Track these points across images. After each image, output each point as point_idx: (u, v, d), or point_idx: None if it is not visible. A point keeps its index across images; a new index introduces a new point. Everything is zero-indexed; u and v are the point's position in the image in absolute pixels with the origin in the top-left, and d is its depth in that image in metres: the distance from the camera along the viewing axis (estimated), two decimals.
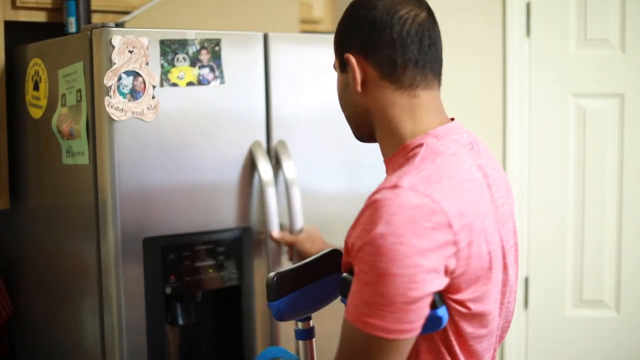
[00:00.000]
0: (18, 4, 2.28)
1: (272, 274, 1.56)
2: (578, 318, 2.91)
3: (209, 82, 2.09)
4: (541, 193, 2.91)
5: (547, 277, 2.94)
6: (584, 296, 2.92)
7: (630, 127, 2.88)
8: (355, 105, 1.49)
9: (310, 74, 2.30)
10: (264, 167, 2.15)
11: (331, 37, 1.55)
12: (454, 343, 1.39)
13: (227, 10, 2.57)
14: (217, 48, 2.09)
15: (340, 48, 1.48)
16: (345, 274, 1.41)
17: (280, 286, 1.55)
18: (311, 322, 1.63)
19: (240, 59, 2.14)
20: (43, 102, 2.16)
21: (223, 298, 2.20)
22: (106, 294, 2.00)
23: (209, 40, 2.08)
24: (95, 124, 1.98)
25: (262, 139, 2.19)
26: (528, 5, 2.87)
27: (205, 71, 2.08)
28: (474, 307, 1.37)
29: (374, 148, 1.57)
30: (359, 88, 1.45)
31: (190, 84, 2.06)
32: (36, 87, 2.18)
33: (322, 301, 1.63)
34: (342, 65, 1.49)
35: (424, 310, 1.30)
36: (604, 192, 2.89)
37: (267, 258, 2.18)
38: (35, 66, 2.18)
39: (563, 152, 2.91)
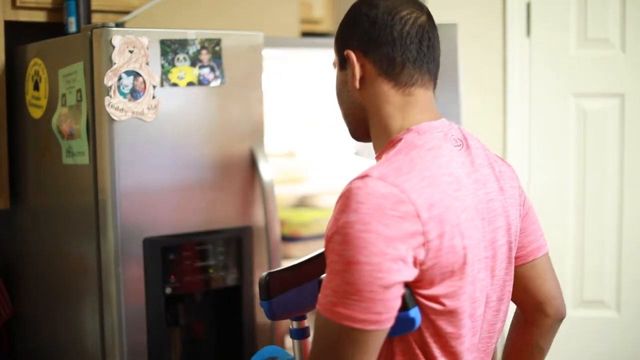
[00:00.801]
0: (18, 4, 2.28)
1: (264, 273, 1.58)
2: (578, 318, 2.91)
3: (209, 82, 2.08)
4: (541, 193, 2.90)
5: None
6: (584, 296, 2.92)
7: (631, 127, 2.88)
8: (352, 102, 1.51)
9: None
10: (264, 167, 2.15)
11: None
12: (431, 344, 1.39)
13: (227, 10, 2.57)
14: (217, 48, 2.09)
15: (341, 45, 1.51)
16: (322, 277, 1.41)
17: (273, 286, 1.57)
18: (306, 322, 1.64)
19: (241, 59, 2.14)
20: (43, 102, 2.16)
21: (223, 298, 2.20)
22: (106, 294, 1.99)
23: (209, 40, 2.08)
24: (95, 124, 1.97)
25: (262, 138, 2.19)
26: (528, 5, 2.87)
27: (206, 71, 2.07)
28: (448, 303, 1.37)
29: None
30: (357, 84, 1.48)
31: (190, 84, 2.05)
32: (36, 87, 2.18)
33: (314, 301, 1.58)
34: (341, 62, 1.51)
35: (392, 302, 1.30)
36: (604, 192, 2.89)
37: (267, 258, 2.18)
38: (36, 66, 2.18)
39: (563, 152, 2.91)
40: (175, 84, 2.03)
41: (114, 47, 1.93)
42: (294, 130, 2.99)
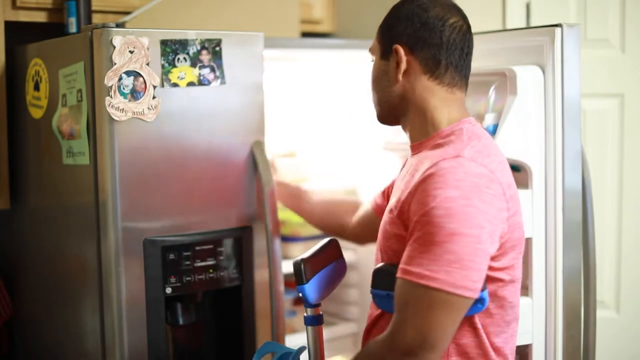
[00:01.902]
0: (18, 4, 2.28)
1: (298, 259, 1.68)
2: None
3: (209, 83, 2.09)
4: None
5: None
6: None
7: (631, 127, 2.88)
8: (392, 90, 1.64)
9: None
10: (264, 167, 2.15)
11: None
12: (495, 315, 1.56)
13: (227, 10, 2.57)
14: (217, 48, 2.09)
15: (389, 38, 1.65)
16: (379, 266, 1.58)
17: (307, 270, 1.69)
18: (320, 310, 1.74)
19: (241, 59, 2.14)
20: (43, 102, 2.16)
21: (223, 298, 2.20)
22: (106, 294, 2.00)
23: (210, 41, 2.08)
24: (95, 124, 1.97)
25: (263, 139, 2.19)
26: (528, 6, 2.87)
27: (206, 71, 2.08)
28: (512, 273, 1.56)
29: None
30: (400, 77, 1.62)
31: (190, 84, 2.06)
32: (37, 87, 2.18)
33: (333, 284, 1.78)
34: (384, 53, 1.66)
35: (484, 272, 1.45)
36: (604, 192, 2.89)
37: (267, 258, 2.18)
38: (36, 66, 2.18)
39: None
40: (175, 84, 2.03)
41: (114, 47, 1.93)
42: (294, 130, 2.99)
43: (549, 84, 1.98)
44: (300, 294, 1.67)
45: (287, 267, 2.54)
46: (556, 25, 1.97)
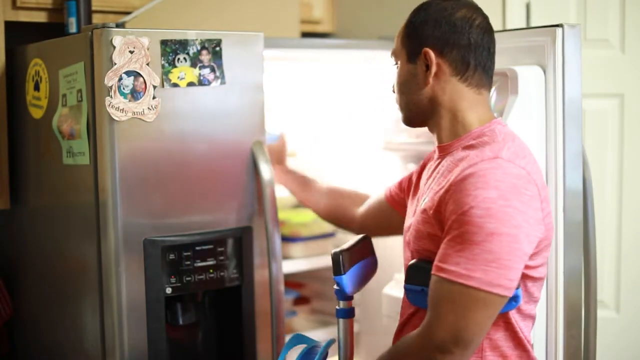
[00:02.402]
0: (18, 4, 2.28)
1: (336, 250, 1.72)
2: None
3: (209, 83, 2.09)
4: None
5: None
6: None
7: (631, 128, 2.88)
8: (420, 93, 1.66)
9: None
10: (264, 167, 2.15)
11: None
12: (524, 311, 1.59)
13: (228, 10, 2.57)
14: (217, 48, 2.09)
15: (417, 41, 1.65)
16: (413, 261, 1.62)
17: (345, 261, 1.72)
18: (352, 303, 1.77)
19: (241, 59, 2.14)
20: (43, 102, 2.16)
21: (223, 298, 2.20)
22: (106, 294, 1.99)
23: (210, 41, 2.08)
24: (95, 124, 1.97)
25: (263, 139, 2.19)
26: (528, 6, 2.87)
27: (206, 71, 2.07)
28: (543, 271, 1.60)
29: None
30: (430, 80, 1.63)
31: (190, 84, 2.05)
32: (37, 88, 2.18)
33: (366, 278, 1.82)
34: (411, 56, 1.66)
35: (520, 272, 1.48)
36: (604, 192, 2.89)
37: (267, 258, 2.18)
38: (36, 66, 2.18)
39: None
40: (175, 84, 2.03)
41: (114, 47, 1.93)
42: (294, 130, 2.99)
43: (550, 84, 1.98)
44: (337, 286, 1.72)
45: (287, 267, 2.55)
46: (557, 26, 1.97)
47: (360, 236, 1.85)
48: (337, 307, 1.77)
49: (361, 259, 1.79)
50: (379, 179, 2.76)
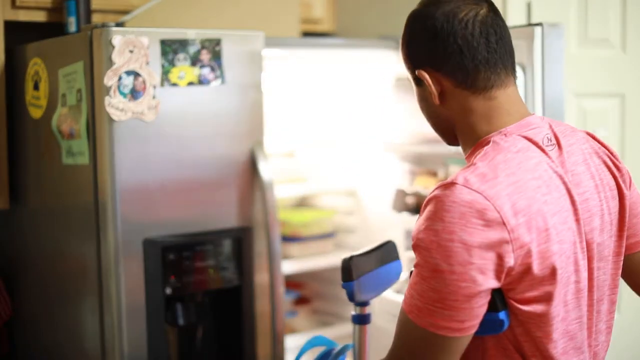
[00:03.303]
0: (18, 3, 2.28)
1: (347, 256, 1.65)
2: None
3: (209, 82, 2.08)
4: None
5: None
6: None
7: (631, 127, 2.87)
8: (437, 115, 1.49)
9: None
10: (264, 167, 2.15)
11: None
12: (522, 342, 1.38)
13: (227, 9, 2.56)
14: (217, 48, 2.08)
15: (411, 64, 1.48)
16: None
17: (355, 268, 1.65)
18: (367, 309, 1.72)
19: (241, 58, 2.14)
20: (43, 102, 2.15)
21: (223, 298, 2.20)
22: (106, 294, 1.99)
23: (210, 40, 2.07)
24: (95, 124, 1.97)
25: (262, 138, 2.19)
26: (528, 5, 2.86)
27: (206, 71, 2.07)
28: (539, 307, 1.36)
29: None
30: (437, 101, 1.45)
31: (190, 83, 2.05)
32: (36, 87, 2.18)
33: (383, 286, 1.75)
34: (416, 80, 1.48)
35: (476, 310, 1.31)
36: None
37: (267, 258, 2.18)
38: (35, 66, 2.18)
39: None
40: (175, 84, 2.03)
41: (114, 47, 1.93)
42: (294, 130, 2.99)
43: (529, 83, 1.95)
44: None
45: (287, 267, 2.54)
46: (537, 25, 1.93)
47: (382, 241, 1.75)
48: (352, 312, 1.74)
49: (378, 266, 1.72)
50: (379, 180, 2.76)
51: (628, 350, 2.92)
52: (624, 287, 3.07)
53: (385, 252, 1.75)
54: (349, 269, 1.66)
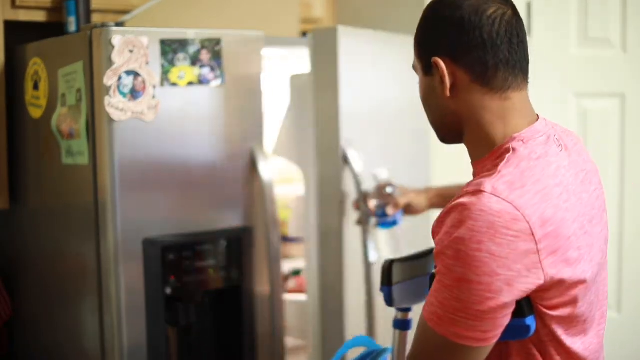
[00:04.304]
0: (18, 3, 2.28)
1: (388, 260, 1.61)
2: None
3: (209, 82, 2.08)
4: None
5: None
6: None
7: (632, 127, 2.87)
8: (443, 108, 1.44)
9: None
10: (264, 167, 2.15)
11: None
12: (547, 343, 1.37)
13: (227, 9, 2.56)
14: (217, 48, 2.08)
15: (425, 51, 1.43)
16: (434, 271, 1.42)
17: (394, 273, 1.61)
18: (410, 315, 1.68)
19: (241, 58, 2.14)
20: (43, 102, 2.15)
21: (223, 298, 2.20)
22: (106, 294, 1.99)
23: (210, 40, 2.07)
24: (95, 124, 1.97)
25: (262, 138, 2.19)
26: (529, 5, 2.86)
27: (206, 71, 2.07)
28: (566, 311, 1.35)
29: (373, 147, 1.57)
30: (448, 93, 1.41)
31: (190, 83, 2.05)
32: (36, 87, 2.18)
33: (423, 295, 1.67)
34: (426, 68, 1.44)
35: (500, 320, 1.29)
36: (605, 191, 2.89)
37: (267, 258, 2.18)
38: (35, 66, 2.18)
39: None
40: (175, 84, 2.03)
41: (113, 46, 1.93)
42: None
43: None
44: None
45: (287, 267, 2.54)
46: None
47: (427, 249, 1.69)
48: (394, 317, 1.68)
49: (420, 275, 1.66)
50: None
51: (629, 350, 2.92)
52: (625, 288, 3.07)
53: (429, 261, 1.68)
54: (388, 274, 1.61)
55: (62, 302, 2.18)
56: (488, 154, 1.41)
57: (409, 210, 2.28)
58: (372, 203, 2.14)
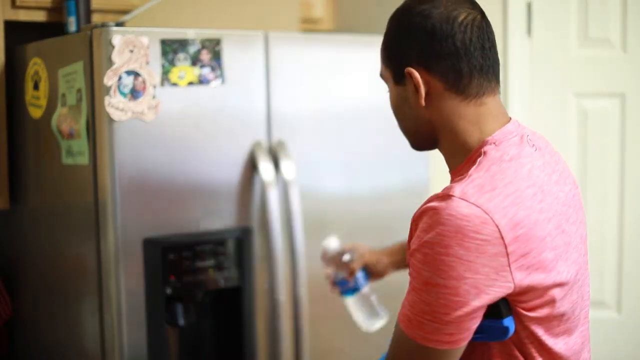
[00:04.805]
0: (18, 3, 2.28)
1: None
2: None
3: (209, 82, 2.08)
4: None
5: None
6: None
7: (632, 127, 2.87)
8: (417, 117, 1.43)
9: (310, 73, 2.29)
10: (265, 167, 2.15)
11: (332, 37, 1.55)
12: (528, 344, 1.36)
13: (227, 9, 2.56)
14: (217, 48, 2.08)
15: (396, 60, 1.42)
16: None
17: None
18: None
19: (241, 58, 2.14)
20: (43, 102, 2.15)
21: (223, 299, 2.20)
22: (106, 294, 1.99)
23: (210, 40, 2.07)
24: (95, 124, 1.97)
25: (263, 139, 2.19)
26: (529, 5, 2.86)
27: (206, 71, 2.07)
28: (544, 311, 1.35)
29: (375, 148, 1.57)
30: (423, 102, 1.39)
31: (190, 83, 2.05)
32: (36, 87, 2.18)
33: None
34: (397, 77, 1.42)
35: (467, 324, 1.28)
36: (605, 192, 2.89)
37: (267, 259, 2.18)
38: (35, 66, 2.18)
39: (564, 152, 2.89)
40: (175, 84, 2.03)
41: (114, 46, 1.93)
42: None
43: None
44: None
45: None
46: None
47: None
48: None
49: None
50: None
51: (628, 350, 2.92)
52: (625, 288, 3.07)
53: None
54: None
55: (62, 302, 2.18)
56: (464, 160, 1.40)
57: (370, 270, 2.07)
58: (331, 274, 2.07)
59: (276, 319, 2.18)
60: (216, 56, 2.08)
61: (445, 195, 1.29)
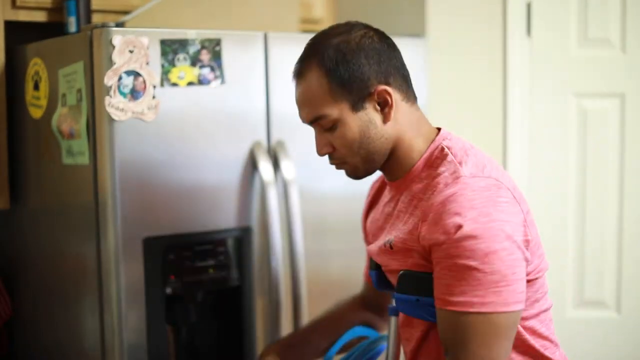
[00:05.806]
0: (18, 3, 2.28)
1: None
2: (579, 319, 2.91)
3: (209, 82, 2.08)
4: (542, 193, 2.90)
5: (548, 278, 2.93)
6: (584, 297, 2.91)
7: (631, 127, 2.87)
8: (384, 137, 1.49)
9: None
10: (265, 167, 2.15)
11: None
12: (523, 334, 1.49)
13: (228, 10, 2.56)
14: (217, 48, 2.09)
15: (357, 87, 1.46)
16: (403, 271, 1.48)
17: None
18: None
19: (241, 58, 2.14)
20: (43, 102, 2.15)
21: (223, 298, 2.20)
22: (106, 294, 1.99)
23: (210, 40, 2.07)
24: (95, 124, 1.97)
25: (263, 139, 2.19)
26: (529, 5, 2.86)
27: (206, 71, 2.07)
28: (540, 273, 1.50)
29: None
30: (390, 118, 1.49)
31: (190, 83, 2.05)
32: (36, 87, 2.18)
33: None
34: (356, 105, 1.47)
35: (525, 280, 1.40)
36: (605, 192, 2.89)
37: (267, 258, 2.18)
38: (36, 66, 2.18)
39: (564, 152, 2.90)
40: (175, 84, 2.03)
41: (114, 47, 1.93)
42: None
43: None
44: None
45: None
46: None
47: None
48: (389, 304, 1.69)
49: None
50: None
51: (628, 350, 2.92)
52: (625, 288, 3.07)
53: None
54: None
55: (62, 302, 2.19)
56: (414, 166, 1.49)
57: None
58: None
59: (276, 319, 2.18)
60: (216, 56, 2.09)
61: (455, 180, 1.40)
